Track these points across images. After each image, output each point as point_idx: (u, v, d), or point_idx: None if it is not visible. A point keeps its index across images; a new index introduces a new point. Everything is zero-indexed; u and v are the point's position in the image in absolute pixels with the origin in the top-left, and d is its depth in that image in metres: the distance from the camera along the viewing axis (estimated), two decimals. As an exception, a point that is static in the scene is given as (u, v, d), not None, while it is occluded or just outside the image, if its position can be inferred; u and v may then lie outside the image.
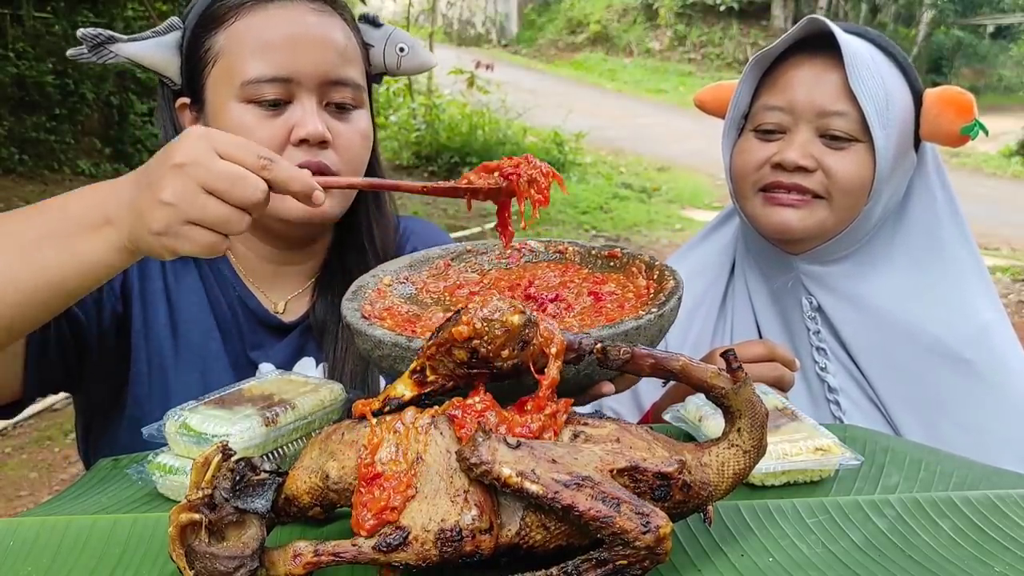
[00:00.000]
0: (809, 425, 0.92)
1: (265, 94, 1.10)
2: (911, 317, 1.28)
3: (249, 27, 1.11)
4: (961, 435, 1.23)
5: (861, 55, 1.22)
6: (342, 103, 1.15)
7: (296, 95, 1.12)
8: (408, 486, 0.67)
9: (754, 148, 1.29)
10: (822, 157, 1.24)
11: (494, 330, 0.68)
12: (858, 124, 1.23)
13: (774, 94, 1.28)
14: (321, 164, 1.12)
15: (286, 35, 1.11)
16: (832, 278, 1.32)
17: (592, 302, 0.97)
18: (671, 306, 0.89)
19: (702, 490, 0.70)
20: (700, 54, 18.04)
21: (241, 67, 1.10)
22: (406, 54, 1.25)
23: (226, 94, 1.11)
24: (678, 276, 0.95)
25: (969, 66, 16.84)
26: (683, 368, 0.73)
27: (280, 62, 1.10)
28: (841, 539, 0.78)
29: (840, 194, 1.24)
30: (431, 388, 0.73)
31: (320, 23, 1.13)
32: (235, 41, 1.11)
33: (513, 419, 0.70)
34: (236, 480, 0.69)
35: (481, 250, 1.11)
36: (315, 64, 1.11)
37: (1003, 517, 0.82)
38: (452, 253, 1.10)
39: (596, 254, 1.06)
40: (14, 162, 7.15)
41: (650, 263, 1.00)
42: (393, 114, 9.89)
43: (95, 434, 1.21)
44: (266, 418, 0.87)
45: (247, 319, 1.20)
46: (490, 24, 20.71)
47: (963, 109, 1.24)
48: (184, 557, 0.66)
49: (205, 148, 0.80)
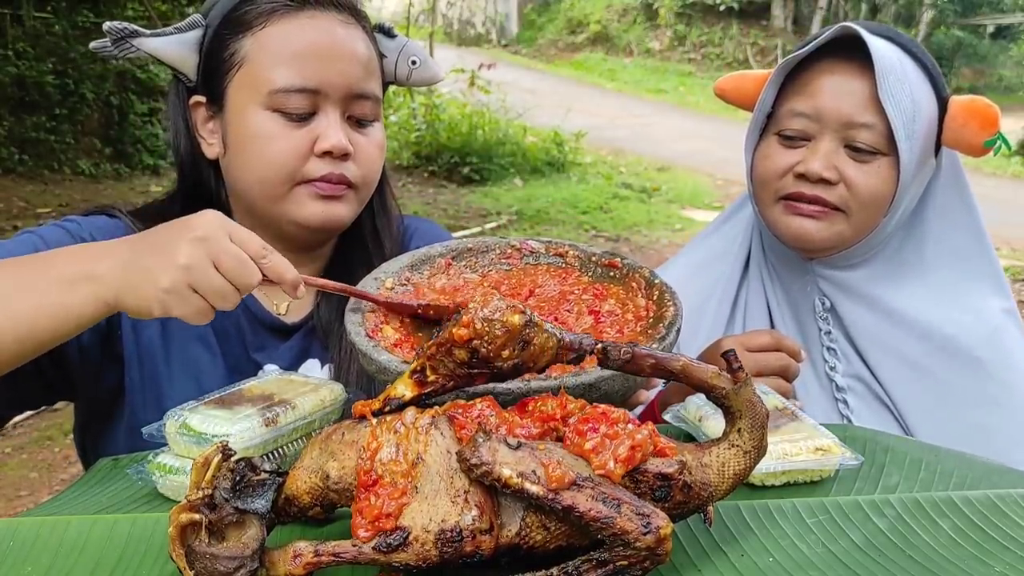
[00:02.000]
0: (809, 425, 0.92)
1: (291, 104, 1.11)
2: (924, 317, 1.29)
3: (278, 35, 1.11)
4: (971, 434, 1.23)
5: (891, 63, 1.20)
6: (363, 118, 1.17)
7: (321, 107, 1.12)
8: (404, 493, 0.67)
9: (777, 154, 1.27)
10: (845, 169, 1.23)
11: (494, 330, 0.68)
12: (884, 137, 1.21)
13: (800, 99, 1.26)
14: (343, 176, 1.14)
15: (316, 46, 1.11)
16: (847, 281, 1.32)
17: (592, 322, 0.97)
18: (670, 341, 0.89)
19: (702, 491, 0.70)
20: (700, 54, 18.03)
21: (269, 75, 1.10)
22: (417, 67, 1.26)
23: (250, 100, 1.12)
24: (678, 301, 0.95)
25: (969, 66, 16.83)
26: (683, 368, 0.73)
27: (309, 73, 1.10)
28: (841, 539, 0.78)
29: (860, 208, 1.24)
30: (431, 388, 0.73)
31: (348, 35, 1.14)
32: (263, 48, 1.11)
33: (513, 420, 0.70)
34: (236, 480, 0.69)
35: (482, 248, 1.10)
36: (342, 77, 1.12)
37: (1003, 517, 0.82)
38: (453, 251, 1.10)
39: (596, 261, 1.06)
40: (14, 162, 7.15)
41: (650, 280, 1.00)
42: (393, 114, 9.88)
43: (92, 439, 1.21)
44: (266, 418, 0.87)
45: (248, 321, 1.20)
46: (490, 24, 20.71)
47: (988, 122, 1.23)
48: (184, 557, 0.66)
49: (221, 228, 0.88)
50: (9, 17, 7.14)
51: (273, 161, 1.12)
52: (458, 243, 1.12)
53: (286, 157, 1.12)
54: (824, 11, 16.88)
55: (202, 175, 1.20)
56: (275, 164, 1.12)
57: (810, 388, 1.31)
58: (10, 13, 7.12)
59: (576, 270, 1.07)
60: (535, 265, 1.09)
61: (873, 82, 1.20)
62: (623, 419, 0.69)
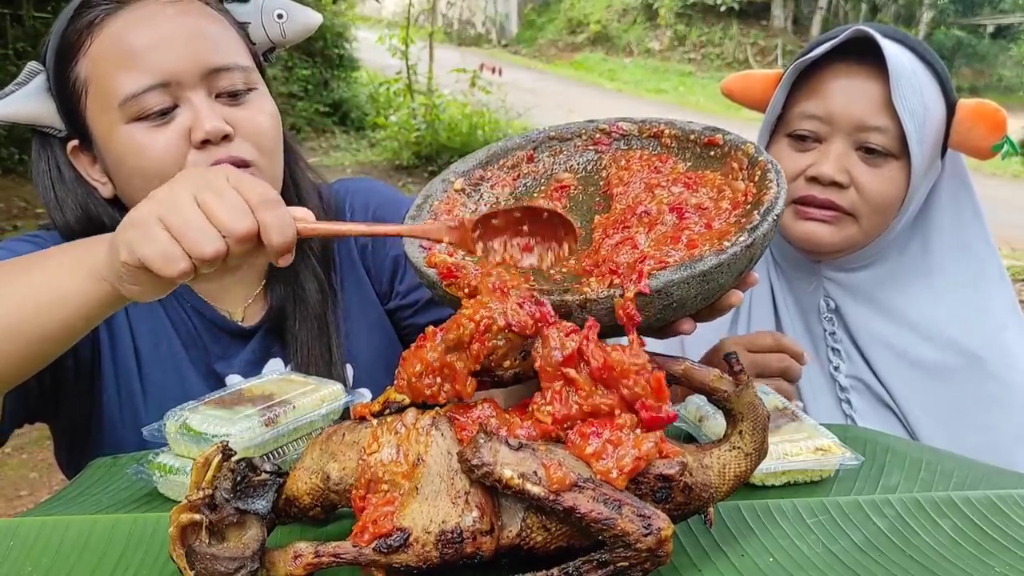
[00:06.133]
0: (809, 425, 0.92)
1: (149, 105, 1.01)
2: (927, 319, 1.30)
3: (106, 43, 1.03)
4: (975, 434, 1.24)
5: (904, 68, 1.21)
6: (233, 90, 1.06)
7: (181, 97, 1.03)
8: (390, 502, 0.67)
9: (788, 157, 1.27)
10: (857, 173, 1.23)
11: (496, 341, 0.68)
12: (895, 140, 1.21)
13: (812, 101, 1.26)
14: (234, 158, 1.03)
15: (148, 37, 1.02)
16: (852, 282, 1.33)
17: (674, 221, 0.84)
18: (764, 231, 0.76)
19: (703, 492, 0.70)
20: (700, 54, 18.03)
21: (112, 87, 1.02)
22: (286, 20, 1.17)
23: (109, 121, 1.03)
24: (781, 180, 0.81)
25: (969, 66, 16.83)
26: (685, 372, 0.73)
27: (152, 67, 1.01)
28: (841, 539, 0.78)
29: (871, 212, 1.24)
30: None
31: (180, 13, 1.05)
32: (97, 62, 1.03)
33: (513, 421, 0.70)
34: (237, 480, 0.69)
35: (565, 135, 0.98)
36: (189, 57, 1.02)
37: (1003, 517, 0.82)
38: (533, 142, 0.98)
39: (695, 140, 0.92)
40: (14, 162, 7.14)
41: (753, 157, 0.86)
42: (393, 114, 9.88)
43: (74, 457, 1.18)
44: (266, 418, 0.87)
45: (206, 329, 1.15)
46: (490, 24, 20.70)
47: (996, 125, 1.23)
48: (184, 557, 0.66)
49: (220, 171, 0.78)
50: (9, 17, 7.13)
51: (153, 171, 1.01)
52: (538, 132, 0.99)
53: (163, 162, 1.01)
54: (824, 11, 16.89)
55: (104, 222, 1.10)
56: (156, 173, 0.99)
57: (815, 388, 1.31)
58: (10, 13, 7.11)
59: (672, 155, 0.93)
60: (627, 151, 0.96)
61: (885, 85, 1.20)
62: (629, 424, 0.68)
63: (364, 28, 13.35)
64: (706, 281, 0.73)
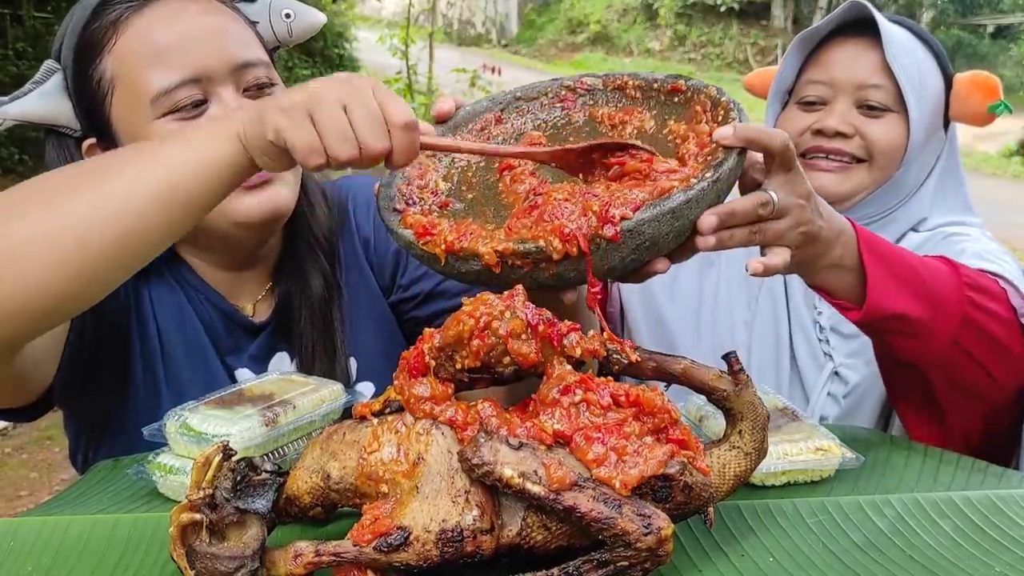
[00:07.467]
0: (809, 425, 0.92)
1: (181, 99, 1.02)
2: None
3: (134, 40, 1.03)
4: None
5: (898, 37, 1.34)
6: (259, 83, 1.07)
7: (211, 92, 1.04)
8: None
9: (796, 118, 1.39)
10: (859, 123, 1.34)
11: (495, 338, 0.69)
12: (894, 96, 1.33)
13: (817, 70, 1.39)
14: None
15: (177, 33, 1.03)
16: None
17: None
18: (729, 166, 0.80)
19: (703, 492, 0.70)
20: (700, 54, 18.03)
21: (143, 84, 1.02)
22: (294, 19, 1.18)
23: (139, 118, 1.03)
24: (744, 117, 0.85)
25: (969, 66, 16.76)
26: (684, 371, 0.73)
27: (182, 63, 1.02)
28: (841, 539, 0.78)
29: (878, 154, 1.33)
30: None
31: (203, 11, 1.06)
32: (125, 60, 1.03)
33: (513, 420, 0.70)
34: (237, 480, 0.69)
35: (531, 95, 1.00)
36: (217, 54, 1.04)
37: (1003, 517, 0.82)
38: (500, 104, 0.99)
39: (659, 88, 0.95)
40: (14, 162, 7.14)
41: (715, 99, 0.89)
42: (393, 114, 9.82)
43: (89, 448, 1.19)
44: (266, 418, 0.87)
45: (221, 321, 1.17)
46: (490, 24, 20.71)
47: (990, 90, 1.36)
48: (185, 557, 0.66)
49: (367, 82, 0.80)
50: (9, 17, 7.14)
51: None
52: (504, 94, 1.01)
53: None
54: (824, 11, 16.88)
55: None
56: None
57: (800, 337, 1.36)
58: (10, 13, 7.12)
59: (638, 106, 0.96)
60: (593, 106, 0.99)
61: (882, 53, 1.32)
62: (637, 433, 0.68)
63: (364, 28, 13.35)
64: (676, 218, 0.76)
